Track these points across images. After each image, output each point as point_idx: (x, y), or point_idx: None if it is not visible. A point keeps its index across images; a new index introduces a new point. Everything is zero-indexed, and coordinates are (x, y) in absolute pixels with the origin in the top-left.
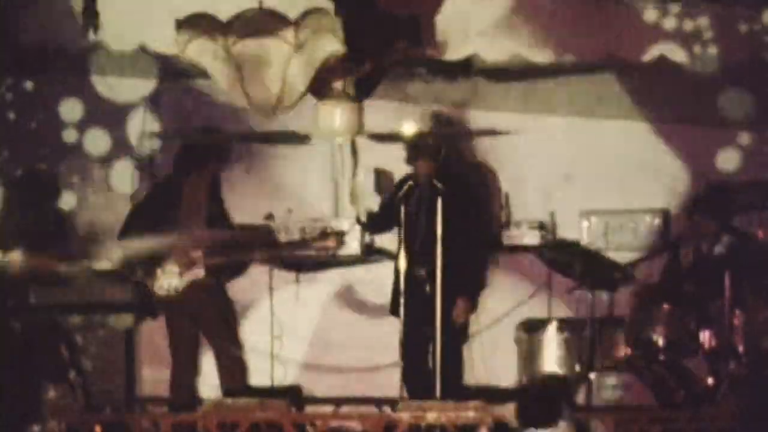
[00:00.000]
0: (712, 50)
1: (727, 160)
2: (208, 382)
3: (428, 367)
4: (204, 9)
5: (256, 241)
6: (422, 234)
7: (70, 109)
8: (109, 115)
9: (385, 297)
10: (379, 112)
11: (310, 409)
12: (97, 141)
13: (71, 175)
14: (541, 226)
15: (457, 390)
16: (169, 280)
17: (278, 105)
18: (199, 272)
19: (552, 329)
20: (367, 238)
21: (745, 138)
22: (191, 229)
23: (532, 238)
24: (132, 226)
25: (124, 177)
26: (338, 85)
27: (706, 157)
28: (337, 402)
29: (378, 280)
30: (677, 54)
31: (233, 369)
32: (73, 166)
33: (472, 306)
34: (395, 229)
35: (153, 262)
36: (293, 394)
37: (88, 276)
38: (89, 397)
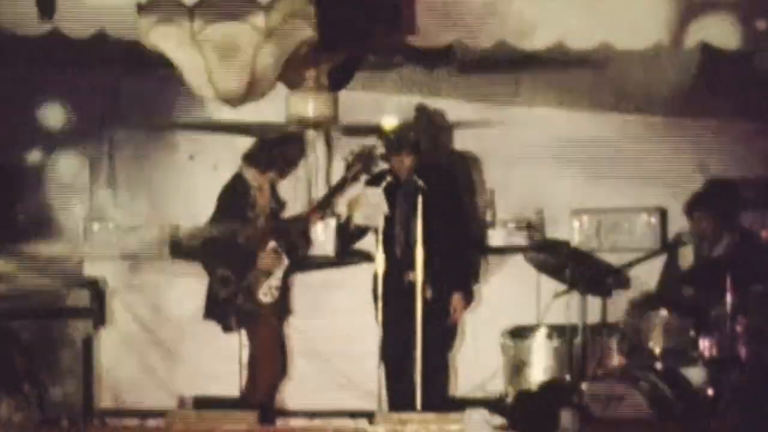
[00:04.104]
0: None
1: (731, 155)
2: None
3: (412, 375)
4: None
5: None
6: (405, 235)
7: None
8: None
9: None
10: (355, 104)
11: (281, 421)
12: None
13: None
14: (529, 226)
15: (442, 399)
16: (269, 282)
17: (247, 95)
18: (284, 263)
19: (541, 336)
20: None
21: (750, 133)
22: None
23: (519, 238)
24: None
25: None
26: (311, 74)
27: (708, 153)
28: (311, 415)
29: None
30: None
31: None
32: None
33: (468, 300)
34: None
35: (250, 267)
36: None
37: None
38: (45, 409)
